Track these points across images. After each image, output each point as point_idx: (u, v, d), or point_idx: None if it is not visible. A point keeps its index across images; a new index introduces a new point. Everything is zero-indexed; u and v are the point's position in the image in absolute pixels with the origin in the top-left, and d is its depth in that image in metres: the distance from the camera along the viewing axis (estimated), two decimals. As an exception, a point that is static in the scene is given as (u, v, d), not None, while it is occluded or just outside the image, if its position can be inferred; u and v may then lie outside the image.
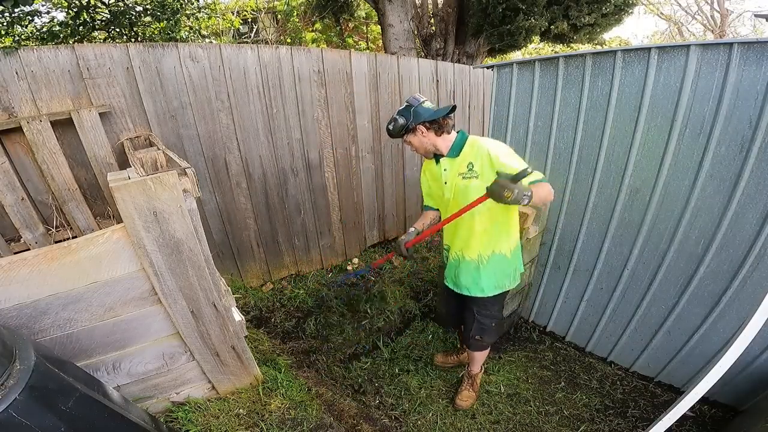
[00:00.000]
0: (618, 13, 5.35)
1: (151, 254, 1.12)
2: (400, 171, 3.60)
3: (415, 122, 1.60)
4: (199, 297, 1.28)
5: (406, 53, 5.52)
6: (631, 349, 2.32)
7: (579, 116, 2.09)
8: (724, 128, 1.65)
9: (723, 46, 1.58)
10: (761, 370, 1.85)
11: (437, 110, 1.61)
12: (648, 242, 2.05)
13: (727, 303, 1.85)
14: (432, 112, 1.60)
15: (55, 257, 1.00)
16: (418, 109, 1.60)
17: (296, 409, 1.62)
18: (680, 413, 1.26)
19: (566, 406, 2.20)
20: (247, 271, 2.84)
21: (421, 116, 1.59)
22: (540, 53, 10.82)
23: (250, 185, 2.63)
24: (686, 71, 1.68)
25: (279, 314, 2.66)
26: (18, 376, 0.75)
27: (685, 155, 1.79)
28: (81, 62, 1.84)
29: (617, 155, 2.01)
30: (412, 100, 1.62)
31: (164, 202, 1.08)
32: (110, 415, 0.95)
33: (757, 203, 1.65)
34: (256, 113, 2.49)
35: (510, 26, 5.10)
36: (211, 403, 1.51)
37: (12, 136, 1.76)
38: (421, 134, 1.63)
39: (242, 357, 1.54)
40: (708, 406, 2.12)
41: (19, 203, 1.80)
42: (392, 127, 1.63)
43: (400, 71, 3.20)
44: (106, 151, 1.94)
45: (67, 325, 1.10)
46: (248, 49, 2.33)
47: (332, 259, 3.34)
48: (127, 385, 1.32)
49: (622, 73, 1.87)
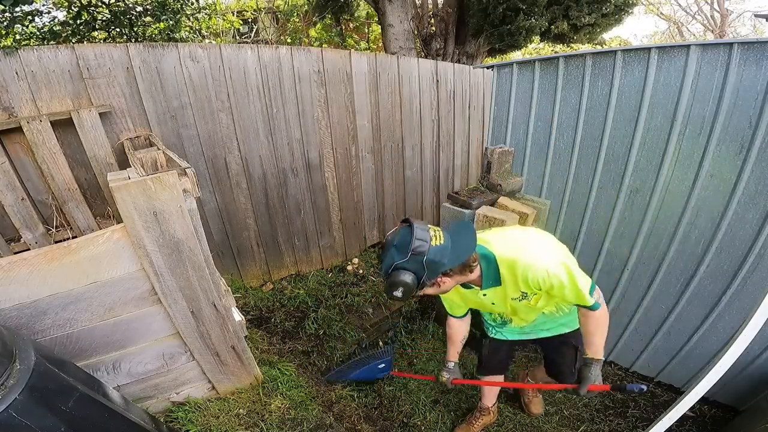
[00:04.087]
0: (618, 13, 5.35)
1: (151, 254, 1.12)
2: (400, 171, 3.60)
3: (432, 277, 1.14)
4: (199, 297, 1.28)
5: (406, 53, 5.52)
6: (631, 349, 2.32)
7: (579, 116, 2.09)
8: (724, 128, 1.65)
9: (723, 46, 1.59)
10: (761, 370, 1.85)
11: (457, 246, 1.14)
12: (648, 242, 2.04)
13: (727, 303, 1.85)
14: (450, 251, 1.12)
15: (55, 257, 1.00)
16: (433, 258, 1.09)
17: (296, 409, 1.62)
18: (680, 413, 1.26)
19: (566, 406, 2.20)
20: (247, 271, 2.84)
21: (439, 266, 1.12)
22: (540, 53, 10.81)
23: (250, 185, 2.63)
24: (686, 71, 1.68)
25: (279, 314, 2.65)
26: (18, 376, 0.75)
27: (685, 155, 1.79)
28: (81, 62, 1.84)
29: (617, 155, 2.01)
30: (418, 245, 1.07)
31: (164, 202, 1.08)
32: (110, 415, 0.95)
33: (757, 203, 1.65)
34: (256, 113, 2.49)
35: (510, 26, 5.10)
36: (211, 403, 1.51)
37: (12, 136, 1.76)
38: (442, 284, 1.21)
39: (242, 357, 1.54)
40: (708, 406, 2.12)
41: (19, 203, 1.80)
42: (401, 293, 1.11)
43: (400, 71, 3.20)
44: (106, 151, 1.94)
45: (67, 325, 1.10)
46: (248, 49, 2.33)
47: (332, 259, 3.34)
48: (127, 385, 1.32)
49: (622, 73, 1.87)
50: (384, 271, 1.13)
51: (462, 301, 1.54)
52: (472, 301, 1.50)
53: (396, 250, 1.11)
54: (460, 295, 1.48)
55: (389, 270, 1.11)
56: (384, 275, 1.14)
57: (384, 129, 3.26)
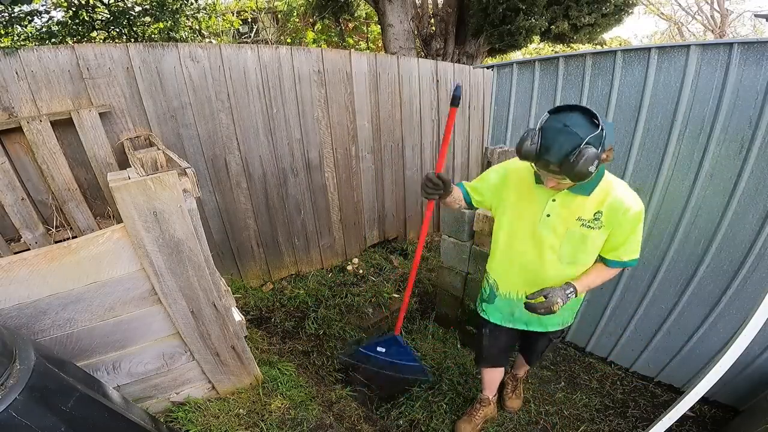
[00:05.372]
0: (618, 13, 5.35)
1: (151, 254, 1.12)
2: (400, 171, 3.60)
3: (604, 151, 1.12)
4: (199, 297, 1.28)
5: (406, 53, 5.52)
6: (631, 349, 2.32)
7: (579, 116, 2.08)
8: (724, 128, 1.65)
9: (723, 46, 1.58)
10: (761, 370, 1.85)
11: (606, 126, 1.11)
12: (648, 242, 2.04)
13: (727, 303, 1.85)
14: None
15: (55, 257, 1.00)
16: (609, 130, 1.11)
17: (296, 409, 1.62)
18: (680, 413, 1.26)
19: (566, 406, 2.20)
20: (247, 271, 2.84)
21: (609, 140, 1.12)
22: (540, 53, 10.81)
23: (250, 185, 2.63)
24: (686, 71, 1.68)
25: (279, 314, 2.65)
26: (18, 376, 0.75)
27: (685, 155, 1.79)
28: (81, 62, 1.84)
29: (617, 155, 2.01)
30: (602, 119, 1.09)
31: (164, 202, 1.08)
32: (110, 415, 0.95)
33: (757, 203, 1.65)
34: (256, 113, 2.49)
35: (510, 26, 5.10)
36: (211, 403, 1.51)
37: (12, 136, 1.76)
38: (605, 160, 1.17)
39: (242, 357, 1.54)
40: (708, 406, 2.12)
41: (19, 203, 1.80)
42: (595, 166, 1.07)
43: (400, 71, 3.20)
44: (106, 151, 1.94)
45: (67, 325, 1.10)
46: (248, 49, 2.33)
47: (332, 259, 3.34)
48: (127, 385, 1.32)
49: (622, 73, 1.87)
50: (568, 149, 1.07)
51: (514, 192, 1.42)
52: (525, 199, 1.40)
53: (579, 128, 1.07)
54: (521, 185, 1.40)
55: (579, 146, 1.06)
56: (567, 155, 1.07)
57: (384, 129, 3.26)
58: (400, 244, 3.78)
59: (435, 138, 3.82)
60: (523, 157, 1.18)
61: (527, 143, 1.14)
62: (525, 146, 1.14)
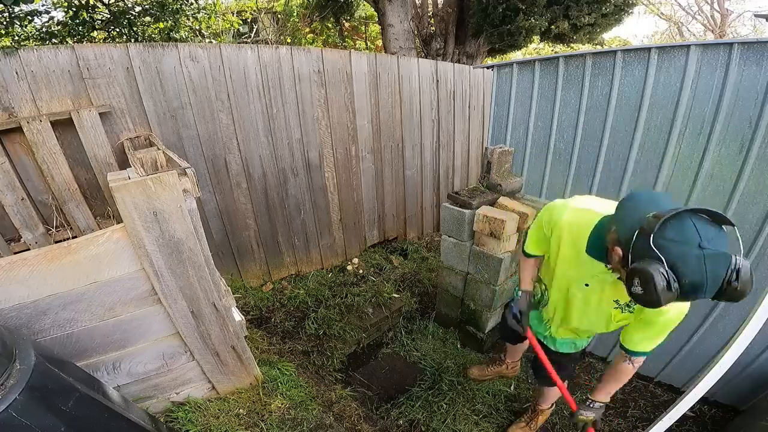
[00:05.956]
0: (618, 13, 5.36)
1: (151, 254, 1.12)
2: (400, 171, 3.60)
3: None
4: (199, 297, 1.28)
5: (406, 53, 5.52)
6: (631, 349, 2.32)
7: (579, 116, 2.09)
8: (724, 128, 1.65)
9: (723, 46, 1.59)
10: (761, 370, 1.85)
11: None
12: (648, 242, 2.04)
13: (727, 303, 1.85)
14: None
15: (55, 257, 1.00)
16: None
17: (296, 409, 1.62)
18: (680, 413, 1.26)
19: (566, 406, 2.19)
20: (247, 271, 2.84)
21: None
22: (540, 53, 10.81)
23: (250, 185, 2.63)
24: (686, 71, 1.68)
25: (279, 314, 2.65)
26: (18, 376, 0.75)
27: (685, 155, 1.79)
28: (81, 62, 1.84)
29: (617, 155, 2.01)
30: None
31: (164, 202, 1.08)
32: (110, 415, 0.95)
33: (757, 203, 1.65)
34: (256, 113, 2.49)
35: (510, 26, 5.11)
36: (211, 403, 1.51)
37: (12, 136, 1.76)
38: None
39: (242, 357, 1.54)
40: (708, 406, 2.12)
41: (19, 203, 1.80)
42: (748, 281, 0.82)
43: (400, 71, 3.20)
44: (106, 151, 1.94)
45: (67, 325, 1.10)
46: (248, 49, 2.33)
47: (332, 259, 3.34)
48: (127, 385, 1.32)
49: (622, 73, 1.87)
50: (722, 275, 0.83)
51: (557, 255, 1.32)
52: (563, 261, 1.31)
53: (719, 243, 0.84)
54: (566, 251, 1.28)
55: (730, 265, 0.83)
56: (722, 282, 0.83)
57: (384, 129, 3.26)
58: (400, 244, 3.78)
59: (435, 138, 3.82)
60: (663, 304, 0.88)
61: (664, 291, 0.85)
62: (664, 296, 0.85)
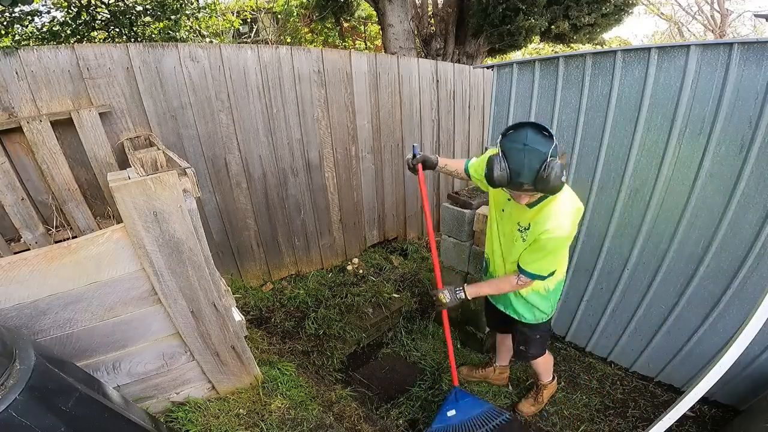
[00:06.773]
0: (618, 13, 5.36)
1: (151, 254, 1.12)
2: (400, 171, 3.60)
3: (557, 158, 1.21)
4: (199, 297, 1.28)
5: (406, 53, 5.52)
6: (631, 349, 2.32)
7: (579, 116, 2.09)
8: (724, 128, 1.65)
9: (723, 46, 1.58)
10: (761, 370, 1.85)
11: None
12: (648, 242, 2.04)
13: (727, 303, 1.85)
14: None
15: (55, 257, 1.00)
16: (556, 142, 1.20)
17: (296, 409, 1.62)
18: (680, 413, 1.26)
19: (566, 406, 2.20)
20: (247, 271, 2.84)
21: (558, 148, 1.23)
22: (540, 53, 10.81)
23: (250, 185, 2.63)
24: (686, 71, 1.67)
25: (279, 314, 2.65)
26: (18, 376, 0.75)
27: (685, 155, 1.79)
28: (81, 62, 1.84)
29: (617, 155, 2.01)
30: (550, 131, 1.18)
31: (164, 202, 1.08)
32: (110, 415, 0.95)
33: (757, 203, 1.65)
34: (256, 113, 2.49)
35: (510, 26, 5.11)
36: (211, 403, 1.51)
37: (12, 136, 1.76)
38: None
39: (242, 357, 1.54)
40: (708, 406, 2.12)
41: (19, 203, 1.80)
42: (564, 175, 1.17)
43: (400, 71, 3.20)
44: (106, 151, 1.94)
45: (67, 325, 1.10)
46: (248, 49, 2.33)
47: (332, 259, 3.34)
48: (127, 385, 1.32)
49: (622, 73, 1.87)
50: (537, 167, 1.14)
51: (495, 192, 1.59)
52: (496, 193, 1.59)
53: (538, 144, 1.14)
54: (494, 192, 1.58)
55: (546, 161, 1.13)
56: (537, 172, 1.14)
57: (384, 129, 3.26)
58: (400, 244, 3.78)
59: (435, 138, 3.82)
60: (498, 184, 1.22)
61: (497, 171, 1.18)
62: (497, 174, 1.18)
